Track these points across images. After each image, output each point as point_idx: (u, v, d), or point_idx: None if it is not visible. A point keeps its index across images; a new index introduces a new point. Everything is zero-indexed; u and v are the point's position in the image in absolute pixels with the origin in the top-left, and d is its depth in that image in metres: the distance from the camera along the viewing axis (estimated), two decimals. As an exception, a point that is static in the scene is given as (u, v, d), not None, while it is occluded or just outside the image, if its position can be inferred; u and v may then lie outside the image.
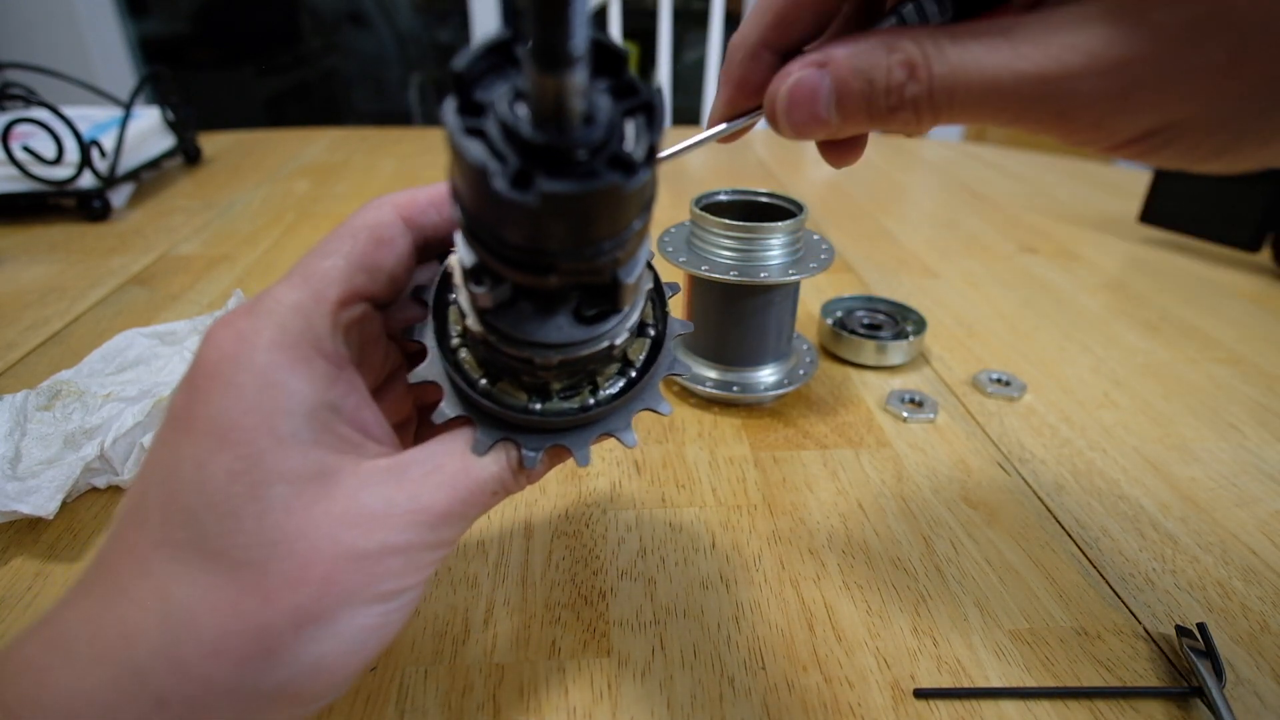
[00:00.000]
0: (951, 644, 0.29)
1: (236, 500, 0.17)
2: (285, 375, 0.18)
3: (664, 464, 0.38)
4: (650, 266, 0.21)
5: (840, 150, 0.24)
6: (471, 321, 0.19)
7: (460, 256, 0.18)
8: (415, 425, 0.26)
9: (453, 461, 0.20)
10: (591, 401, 0.21)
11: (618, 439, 0.21)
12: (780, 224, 0.38)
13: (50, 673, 0.17)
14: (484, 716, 0.25)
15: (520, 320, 0.18)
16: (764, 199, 0.42)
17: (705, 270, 0.38)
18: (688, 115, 1.43)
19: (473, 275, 0.18)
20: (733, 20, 1.39)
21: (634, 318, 0.20)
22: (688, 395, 0.43)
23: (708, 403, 0.43)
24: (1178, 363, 0.49)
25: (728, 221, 0.38)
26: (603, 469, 0.37)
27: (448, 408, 0.21)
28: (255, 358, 0.18)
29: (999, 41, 0.17)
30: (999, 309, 0.56)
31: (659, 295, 0.22)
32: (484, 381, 0.20)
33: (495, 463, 0.20)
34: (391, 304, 0.23)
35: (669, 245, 0.41)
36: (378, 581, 0.18)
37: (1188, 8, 0.15)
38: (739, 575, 0.31)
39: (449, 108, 0.15)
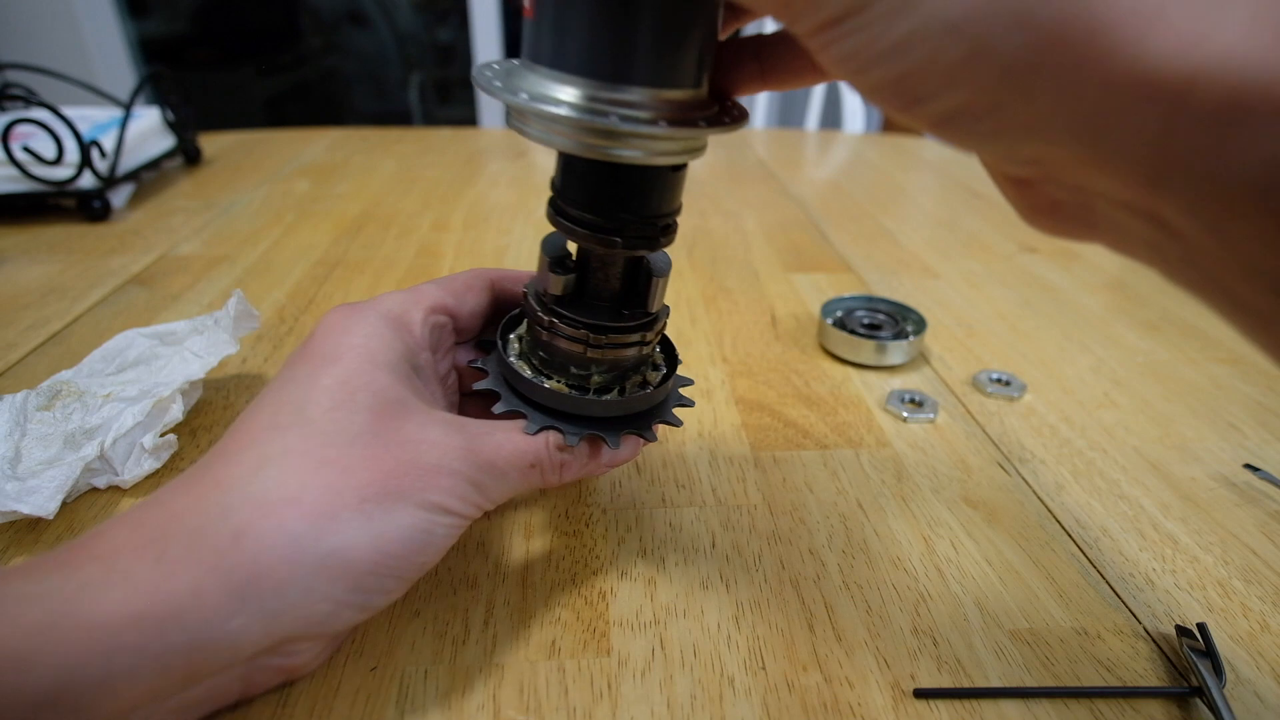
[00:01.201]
0: (951, 644, 0.29)
1: (337, 397, 0.23)
2: (385, 332, 0.26)
3: (664, 464, 0.38)
4: (665, 336, 0.30)
5: (779, 78, 0.24)
6: (542, 311, 0.26)
7: (536, 282, 0.27)
8: None
9: (503, 430, 0.26)
10: (620, 397, 0.27)
11: (641, 436, 0.28)
12: None
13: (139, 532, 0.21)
14: (484, 716, 0.25)
15: (579, 309, 0.26)
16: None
17: None
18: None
19: (556, 265, 0.26)
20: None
21: (658, 326, 0.27)
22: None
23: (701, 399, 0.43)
24: (1178, 363, 0.49)
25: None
26: (603, 469, 0.37)
27: (504, 405, 0.27)
28: (365, 320, 0.26)
29: None
30: (999, 309, 0.56)
31: (670, 350, 0.31)
32: (536, 379, 0.27)
33: (539, 439, 0.26)
34: (465, 338, 0.31)
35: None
36: (429, 491, 0.23)
37: (911, 20, 0.16)
38: (739, 575, 0.31)
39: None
